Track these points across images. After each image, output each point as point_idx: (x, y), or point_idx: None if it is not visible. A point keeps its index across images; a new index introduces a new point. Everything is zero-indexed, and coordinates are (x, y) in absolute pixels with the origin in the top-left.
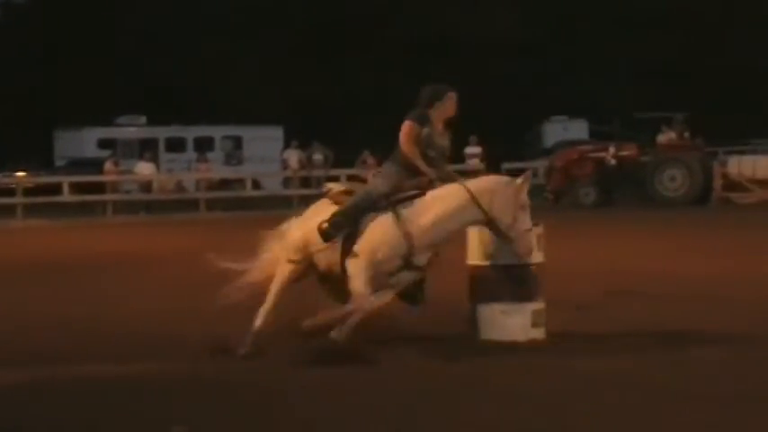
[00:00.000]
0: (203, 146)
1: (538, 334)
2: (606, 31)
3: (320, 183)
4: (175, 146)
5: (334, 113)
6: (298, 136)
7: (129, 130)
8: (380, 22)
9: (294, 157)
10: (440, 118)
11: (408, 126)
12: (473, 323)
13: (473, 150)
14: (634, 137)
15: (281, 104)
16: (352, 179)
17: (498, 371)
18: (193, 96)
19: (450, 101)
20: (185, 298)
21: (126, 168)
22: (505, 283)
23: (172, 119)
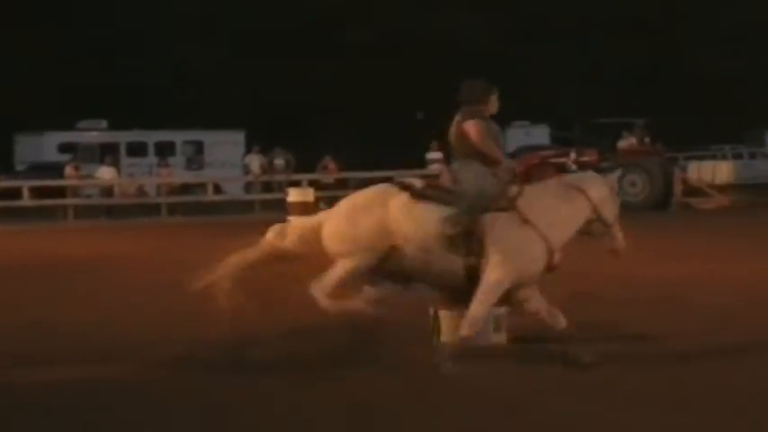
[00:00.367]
0: (164, 150)
1: (500, 338)
2: (568, 37)
3: (282, 188)
4: (136, 150)
5: (295, 118)
6: (259, 141)
7: (91, 134)
8: (341, 25)
9: (256, 161)
10: (488, 113)
11: (476, 125)
12: (435, 328)
13: (434, 156)
14: (595, 142)
15: (242, 109)
16: (312, 183)
17: (461, 374)
18: (155, 100)
19: (495, 98)
20: (144, 303)
21: (87, 173)
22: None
23: (133, 123)
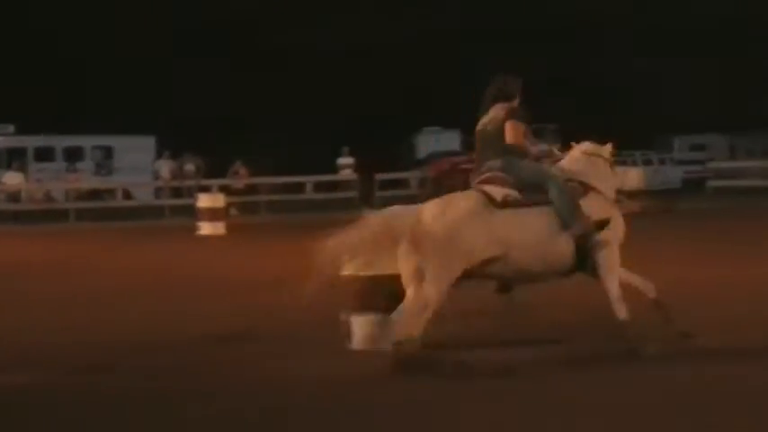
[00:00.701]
0: (73, 156)
1: None
2: (479, 42)
3: (192, 193)
4: (45, 155)
5: (206, 123)
6: (169, 146)
7: None
8: (253, 31)
9: (166, 167)
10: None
11: (518, 127)
12: (346, 334)
13: (345, 161)
14: None
15: (152, 114)
16: (223, 189)
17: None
18: (64, 105)
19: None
20: (54, 310)
21: None
22: (379, 294)
23: (41, 128)
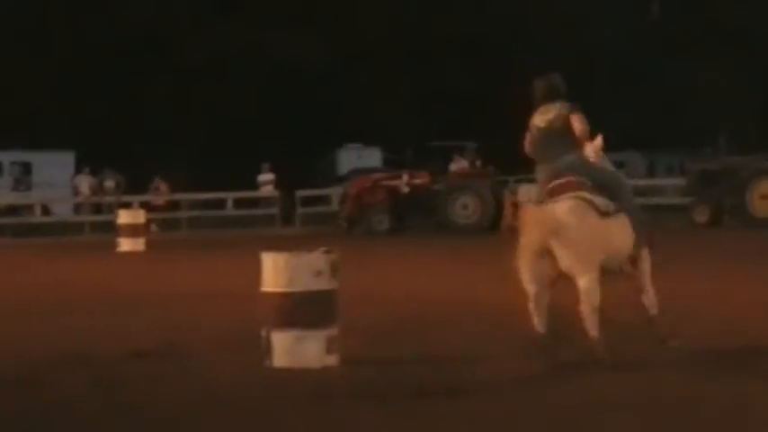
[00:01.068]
0: None
1: (332, 360)
2: (400, 60)
3: (112, 209)
4: None
5: (126, 139)
6: (89, 161)
7: None
8: (167, 47)
9: (85, 182)
10: None
11: (584, 119)
12: (267, 350)
13: (266, 177)
14: (427, 165)
15: (72, 129)
16: (144, 205)
17: (287, 398)
18: None
19: None
20: None
21: None
22: (300, 310)
23: None
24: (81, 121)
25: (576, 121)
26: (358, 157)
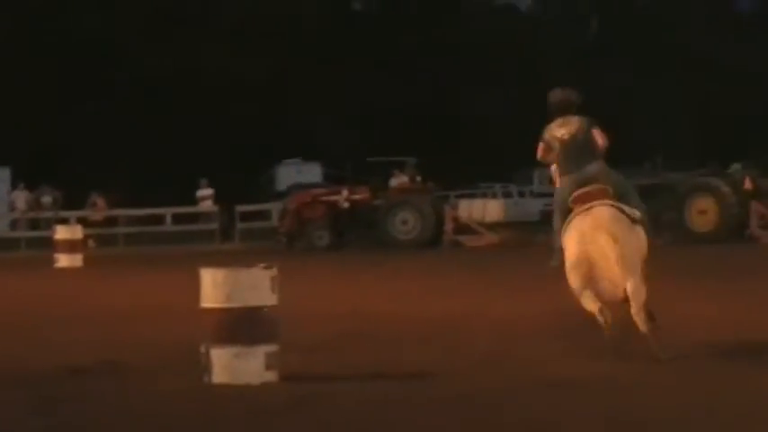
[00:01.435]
0: None
1: (272, 377)
2: (339, 77)
3: (49, 225)
4: None
5: (62, 155)
6: (25, 177)
7: None
8: (108, 62)
9: (22, 198)
10: None
11: (603, 132)
12: (206, 366)
13: (205, 193)
14: (367, 180)
15: (7, 145)
16: (81, 221)
17: (226, 414)
18: None
19: None
20: None
21: None
22: (239, 326)
23: None
24: (17, 136)
25: (598, 134)
26: (298, 173)
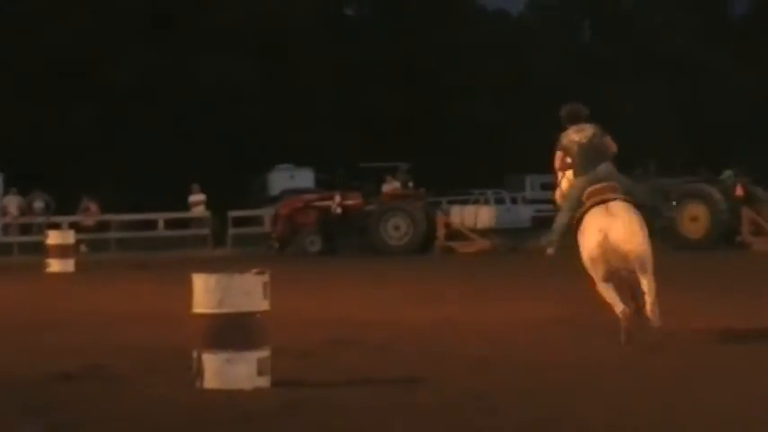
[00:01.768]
0: None
1: (263, 382)
2: (331, 82)
3: (41, 230)
4: None
5: (55, 160)
6: (17, 182)
7: None
8: (97, 67)
9: (14, 203)
10: None
11: (612, 138)
12: (198, 372)
13: (197, 198)
14: (359, 186)
15: None
16: (73, 226)
17: (217, 420)
18: None
19: None
20: None
21: None
22: (231, 331)
23: None
24: (9, 141)
25: (609, 140)
26: (290, 178)
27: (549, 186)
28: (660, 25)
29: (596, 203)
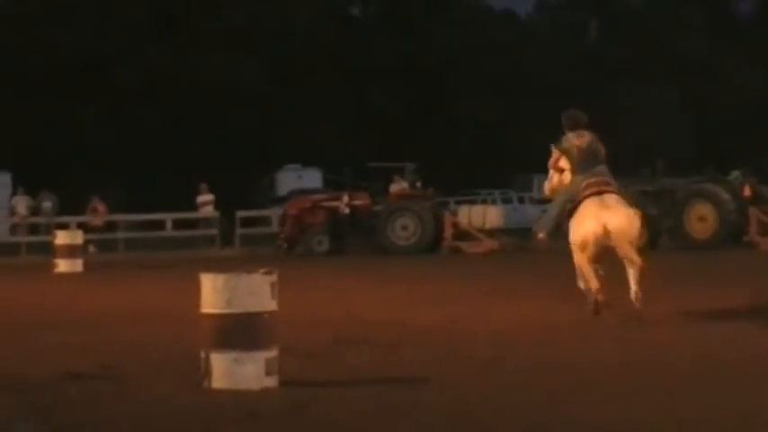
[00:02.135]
0: None
1: (271, 382)
2: (339, 81)
3: (49, 230)
4: None
5: (63, 160)
6: (26, 182)
7: None
8: (106, 67)
9: (22, 203)
10: None
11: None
12: (206, 372)
13: (205, 198)
14: (367, 186)
15: (8, 150)
16: (81, 226)
17: (225, 420)
18: None
19: None
20: None
21: None
22: (239, 331)
23: None
24: (18, 141)
25: (602, 147)
26: (298, 178)
27: None
28: (669, 23)
29: (593, 194)
